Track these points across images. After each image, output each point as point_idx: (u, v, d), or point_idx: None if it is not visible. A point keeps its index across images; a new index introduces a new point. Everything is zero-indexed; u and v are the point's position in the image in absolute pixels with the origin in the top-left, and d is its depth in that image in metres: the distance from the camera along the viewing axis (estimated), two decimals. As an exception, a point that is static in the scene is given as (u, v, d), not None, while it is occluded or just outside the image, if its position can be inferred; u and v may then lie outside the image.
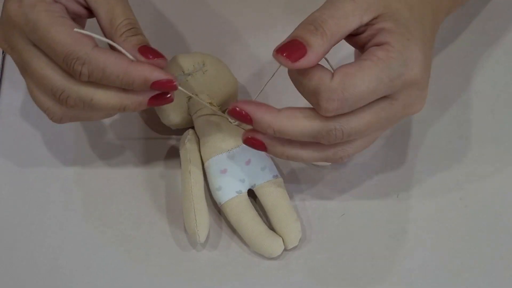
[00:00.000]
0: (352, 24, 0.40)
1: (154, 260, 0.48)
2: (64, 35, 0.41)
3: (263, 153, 0.49)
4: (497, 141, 0.53)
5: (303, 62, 0.39)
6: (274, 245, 0.47)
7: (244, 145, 0.49)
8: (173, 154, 0.53)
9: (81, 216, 0.50)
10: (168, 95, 0.43)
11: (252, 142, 0.44)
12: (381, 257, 0.48)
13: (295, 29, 0.40)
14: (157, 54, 0.43)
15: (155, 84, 0.42)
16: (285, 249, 0.48)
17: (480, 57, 0.57)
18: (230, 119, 0.50)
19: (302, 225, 0.49)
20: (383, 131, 0.44)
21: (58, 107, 0.44)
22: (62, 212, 0.51)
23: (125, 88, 0.42)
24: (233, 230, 0.49)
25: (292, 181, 0.51)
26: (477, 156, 0.52)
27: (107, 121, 0.55)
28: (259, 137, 0.43)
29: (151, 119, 0.55)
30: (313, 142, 0.42)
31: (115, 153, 0.53)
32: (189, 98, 0.51)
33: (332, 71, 0.40)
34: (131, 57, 0.42)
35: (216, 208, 0.50)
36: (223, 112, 0.51)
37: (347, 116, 0.41)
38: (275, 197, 0.48)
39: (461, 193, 0.51)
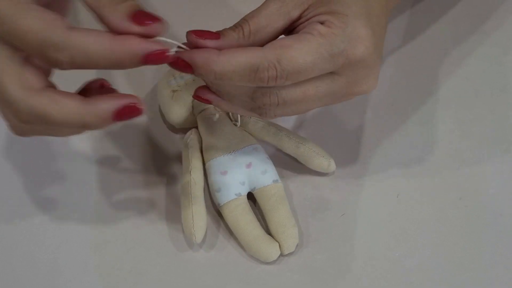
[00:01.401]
0: (277, 23, 0.40)
1: (154, 260, 0.48)
2: (34, 20, 0.35)
3: (264, 156, 0.50)
4: (497, 141, 0.53)
5: (210, 42, 0.39)
6: (270, 250, 0.47)
7: (246, 148, 0.49)
8: (176, 153, 0.53)
9: (81, 216, 0.50)
10: (137, 106, 0.38)
11: (200, 99, 0.43)
12: (381, 257, 0.48)
13: None
14: (154, 18, 0.37)
15: (147, 58, 0.36)
16: (281, 255, 0.48)
17: (480, 57, 0.57)
18: (233, 120, 0.51)
19: (301, 225, 0.49)
20: (323, 105, 0.43)
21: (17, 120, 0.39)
22: (62, 213, 0.51)
23: (116, 69, 0.37)
24: (232, 231, 0.49)
25: (292, 181, 0.51)
26: (477, 156, 0.52)
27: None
28: (208, 96, 0.43)
29: (156, 118, 0.55)
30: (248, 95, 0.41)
31: (116, 153, 0.53)
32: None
33: None
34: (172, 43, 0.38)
35: (215, 209, 0.50)
36: (227, 113, 0.51)
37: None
38: (273, 202, 0.48)
39: (461, 193, 0.51)
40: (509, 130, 0.54)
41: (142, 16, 0.37)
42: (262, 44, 0.40)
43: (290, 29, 0.41)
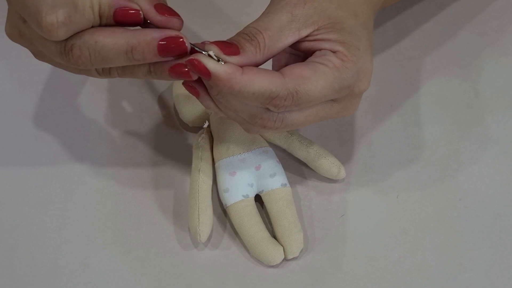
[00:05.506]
0: (288, 38, 0.40)
1: (157, 259, 0.48)
2: None
3: (274, 160, 0.50)
4: (497, 141, 0.53)
5: (234, 59, 0.39)
6: (274, 253, 0.47)
7: (256, 150, 0.49)
8: (187, 151, 0.52)
9: (81, 216, 0.50)
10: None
11: (190, 89, 0.42)
12: (381, 257, 0.48)
13: (233, 36, 0.40)
14: (172, 13, 0.39)
15: (164, 45, 0.38)
16: (285, 259, 0.48)
17: (480, 58, 0.58)
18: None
19: (304, 229, 0.49)
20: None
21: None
22: (62, 212, 0.51)
23: (137, 62, 0.40)
24: (237, 232, 0.49)
25: (300, 186, 0.51)
26: (477, 156, 0.52)
27: (117, 115, 0.55)
28: (198, 88, 0.42)
29: (170, 116, 0.55)
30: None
31: (125, 149, 0.53)
32: None
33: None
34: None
35: (222, 209, 0.50)
36: None
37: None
38: (280, 205, 0.48)
39: (461, 193, 0.51)
40: (509, 130, 0.54)
41: (164, 8, 0.39)
42: (270, 58, 0.40)
43: (296, 43, 0.41)
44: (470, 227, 0.49)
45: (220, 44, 0.39)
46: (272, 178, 0.49)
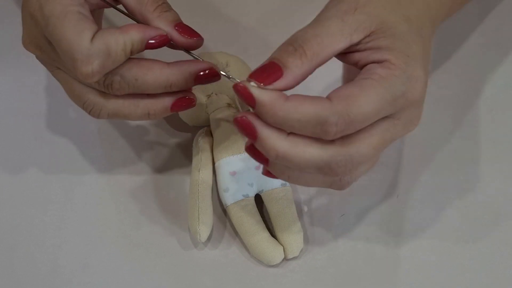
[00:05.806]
0: (339, 44, 0.38)
1: (157, 259, 0.48)
2: (70, 28, 0.39)
3: None
4: (497, 141, 0.53)
5: (278, 84, 0.37)
6: (274, 253, 0.47)
7: None
8: (187, 151, 0.52)
9: (81, 216, 0.50)
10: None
11: (255, 155, 0.40)
12: (381, 257, 0.48)
13: (276, 50, 0.39)
14: (193, 33, 0.42)
15: (201, 76, 0.42)
16: (285, 258, 0.48)
17: (480, 58, 0.57)
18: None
19: (304, 227, 0.49)
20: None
21: (98, 98, 0.43)
22: (62, 212, 0.51)
23: (172, 91, 0.43)
24: (237, 232, 0.49)
25: (300, 185, 0.51)
26: (477, 156, 0.52)
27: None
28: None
29: (170, 115, 0.55)
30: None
31: (124, 149, 0.53)
32: (209, 96, 0.51)
33: None
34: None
35: (222, 209, 0.50)
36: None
37: (356, 144, 0.38)
38: (280, 205, 0.48)
39: (461, 193, 0.51)
40: (509, 130, 0.54)
41: (184, 28, 0.42)
42: (320, 65, 0.39)
43: (346, 52, 0.40)
44: (470, 227, 0.49)
45: (260, 73, 0.37)
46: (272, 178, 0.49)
